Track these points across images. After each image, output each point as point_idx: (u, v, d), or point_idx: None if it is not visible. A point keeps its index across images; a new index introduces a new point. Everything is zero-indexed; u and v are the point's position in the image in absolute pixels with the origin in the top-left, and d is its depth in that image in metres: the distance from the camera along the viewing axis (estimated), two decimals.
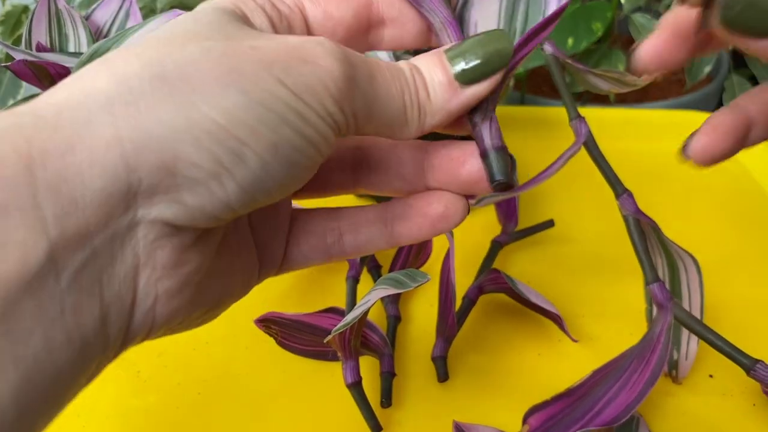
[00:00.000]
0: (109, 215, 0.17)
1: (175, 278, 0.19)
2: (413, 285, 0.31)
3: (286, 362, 0.37)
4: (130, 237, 0.17)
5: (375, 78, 0.20)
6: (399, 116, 0.21)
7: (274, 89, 0.18)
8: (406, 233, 0.24)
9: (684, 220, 0.49)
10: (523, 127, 0.58)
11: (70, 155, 0.16)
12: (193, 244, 0.19)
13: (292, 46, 0.19)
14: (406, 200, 0.24)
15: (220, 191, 0.18)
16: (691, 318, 0.31)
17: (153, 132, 0.17)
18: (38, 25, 0.34)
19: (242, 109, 0.17)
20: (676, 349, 0.36)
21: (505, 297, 0.40)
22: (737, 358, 0.30)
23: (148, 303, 0.18)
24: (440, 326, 0.37)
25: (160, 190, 0.17)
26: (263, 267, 0.24)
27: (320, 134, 0.19)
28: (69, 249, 0.16)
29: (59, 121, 0.16)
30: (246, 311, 0.40)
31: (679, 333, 0.36)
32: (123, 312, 0.18)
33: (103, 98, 0.17)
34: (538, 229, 0.46)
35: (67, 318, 0.16)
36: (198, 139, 0.17)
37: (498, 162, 0.22)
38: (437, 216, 0.24)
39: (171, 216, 0.17)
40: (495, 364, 0.37)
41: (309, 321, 0.35)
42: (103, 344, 0.17)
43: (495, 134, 0.22)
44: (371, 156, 0.24)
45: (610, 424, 0.29)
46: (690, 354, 0.36)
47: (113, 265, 0.17)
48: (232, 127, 0.17)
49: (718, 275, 0.44)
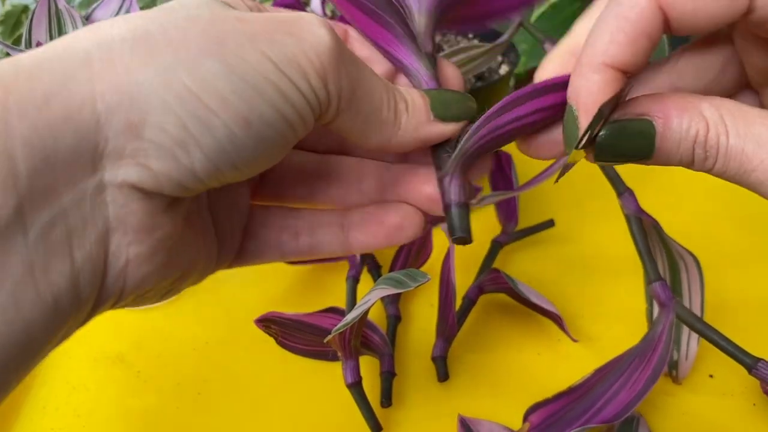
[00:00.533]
0: (76, 176, 0.17)
1: (146, 243, 0.19)
2: (413, 285, 0.31)
3: (286, 362, 0.37)
4: (100, 200, 0.17)
5: (360, 64, 0.21)
6: (377, 111, 0.21)
7: (255, 61, 0.18)
8: (361, 239, 0.24)
9: (684, 219, 0.49)
10: None
11: (46, 109, 0.16)
12: (163, 211, 0.19)
13: (280, 20, 0.19)
14: (365, 208, 0.24)
15: (186, 159, 0.18)
16: (693, 316, 0.31)
17: (126, 92, 0.17)
18: (38, 25, 0.34)
19: (219, 78, 0.17)
20: (676, 349, 0.36)
21: (505, 297, 0.40)
22: (739, 356, 0.30)
23: (119, 266, 0.18)
24: (440, 326, 0.37)
25: (126, 153, 0.17)
26: (221, 253, 0.24)
27: (298, 113, 0.19)
28: (37, 206, 0.16)
29: (38, 72, 0.16)
30: (246, 311, 0.40)
31: (680, 333, 0.36)
32: (95, 274, 0.18)
33: (83, 55, 0.17)
34: (538, 229, 0.46)
35: (37, 276, 0.16)
36: (167, 103, 0.17)
37: (459, 218, 0.23)
38: (393, 226, 0.24)
39: (137, 180, 0.18)
40: (495, 363, 0.37)
41: (309, 321, 0.35)
42: (76, 305, 0.18)
43: (459, 191, 0.23)
44: (335, 168, 0.25)
45: (611, 422, 0.29)
46: (690, 354, 0.35)
47: (84, 228, 0.17)
48: (205, 95, 0.17)
49: (719, 275, 0.44)
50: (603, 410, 0.29)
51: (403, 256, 0.42)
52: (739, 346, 0.31)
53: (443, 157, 0.23)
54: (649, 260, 0.33)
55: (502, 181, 0.49)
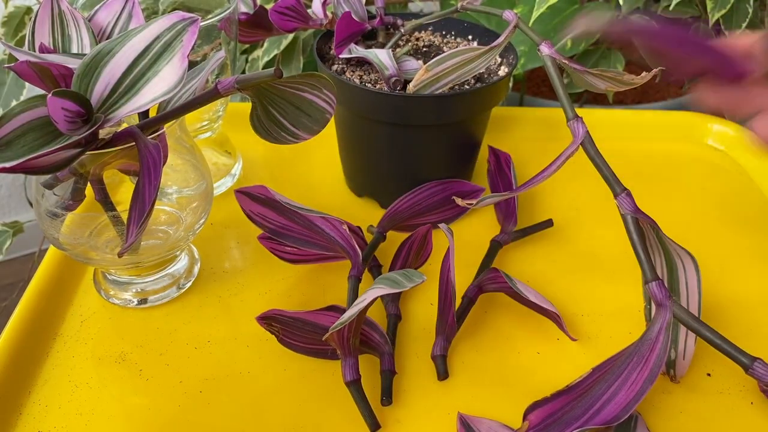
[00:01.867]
0: None
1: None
2: (409, 285, 0.32)
3: (288, 360, 0.37)
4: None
5: None
6: None
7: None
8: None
9: (682, 219, 0.49)
10: (522, 127, 0.58)
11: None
12: None
13: None
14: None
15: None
16: (690, 316, 0.32)
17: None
18: (41, 26, 0.34)
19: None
20: (674, 348, 0.36)
21: (504, 296, 0.41)
22: (736, 356, 0.31)
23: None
24: (440, 325, 0.37)
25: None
26: None
27: None
28: None
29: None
30: (248, 310, 0.40)
31: (677, 332, 0.36)
32: None
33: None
34: (538, 229, 0.46)
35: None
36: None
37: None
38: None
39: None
40: (494, 362, 0.38)
41: (310, 319, 0.35)
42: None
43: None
44: None
45: (610, 423, 0.29)
46: (687, 353, 0.36)
47: None
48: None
49: (716, 275, 0.44)
50: (602, 411, 0.30)
51: (404, 255, 0.43)
52: (736, 346, 0.31)
53: None
54: (646, 260, 0.33)
55: (502, 181, 0.50)
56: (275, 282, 0.43)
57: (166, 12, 0.46)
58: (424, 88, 0.41)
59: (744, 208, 0.51)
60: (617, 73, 0.38)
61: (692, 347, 0.36)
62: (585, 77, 0.38)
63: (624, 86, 0.38)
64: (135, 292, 0.41)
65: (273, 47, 0.76)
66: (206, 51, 0.45)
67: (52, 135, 0.28)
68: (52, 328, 0.39)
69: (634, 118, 0.60)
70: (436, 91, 0.42)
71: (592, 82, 0.38)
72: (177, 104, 0.34)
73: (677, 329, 0.36)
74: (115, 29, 0.36)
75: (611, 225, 0.48)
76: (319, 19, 0.48)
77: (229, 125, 0.53)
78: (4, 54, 0.80)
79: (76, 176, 0.34)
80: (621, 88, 0.39)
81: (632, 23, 0.22)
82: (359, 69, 0.46)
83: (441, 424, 0.34)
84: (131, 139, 0.31)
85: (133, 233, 0.31)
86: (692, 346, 0.36)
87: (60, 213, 0.36)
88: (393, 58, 0.43)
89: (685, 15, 0.79)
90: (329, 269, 0.44)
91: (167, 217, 0.41)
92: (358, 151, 0.48)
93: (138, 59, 0.30)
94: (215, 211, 0.48)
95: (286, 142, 0.36)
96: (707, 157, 0.57)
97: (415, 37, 0.50)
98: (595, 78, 0.38)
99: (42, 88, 0.30)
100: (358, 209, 0.49)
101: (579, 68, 0.37)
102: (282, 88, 0.33)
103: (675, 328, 0.36)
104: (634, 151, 0.57)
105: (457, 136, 0.46)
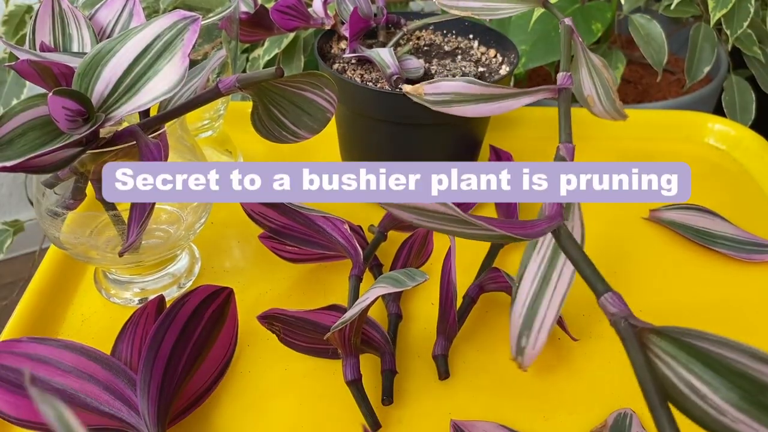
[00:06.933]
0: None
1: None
2: (411, 284, 0.31)
3: (289, 360, 0.37)
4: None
5: None
6: None
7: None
8: None
9: None
10: (522, 127, 0.58)
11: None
12: None
13: None
14: None
15: None
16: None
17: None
18: (42, 25, 0.34)
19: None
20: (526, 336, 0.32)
21: (505, 296, 0.41)
22: (593, 283, 0.28)
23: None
24: (441, 324, 0.37)
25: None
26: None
27: None
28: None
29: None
30: (249, 309, 0.40)
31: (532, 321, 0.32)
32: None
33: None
34: None
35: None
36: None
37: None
38: None
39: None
40: (495, 362, 0.37)
41: (311, 318, 0.35)
42: None
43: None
44: None
45: None
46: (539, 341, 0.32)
47: None
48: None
49: (716, 274, 0.44)
50: None
51: (404, 255, 0.43)
52: (597, 272, 0.28)
53: None
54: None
55: None
56: (276, 281, 0.43)
57: (167, 11, 0.46)
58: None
59: (745, 208, 0.51)
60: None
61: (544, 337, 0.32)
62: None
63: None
64: (136, 291, 0.41)
65: (274, 46, 0.76)
66: (207, 50, 0.45)
67: (52, 134, 0.28)
68: (52, 327, 0.39)
69: (634, 117, 0.60)
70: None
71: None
72: (178, 103, 0.34)
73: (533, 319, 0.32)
74: (115, 28, 0.36)
75: (611, 225, 0.48)
76: (319, 18, 0.48)
77: (230, 124, 0.53)
78: (5, 53, 0.80)
79: (76, 175, 0.34)
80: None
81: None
82: (360, 68, 0.46)
83: (441, 423, 0.34)
84: (132, 138, 0.31)
85: (133, 232, 0.31)
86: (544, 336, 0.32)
87: (61, 212, 0.36)
88: (395, 57, 0.43)
89: (686, 15, 0.79)
90: (330, 268, 0.44)
91: (168, 216, 0.41)
92: (359, 150, 0.48)
93: (139, 58, 0.30)
94: (216, 210, 0.48)
95: (287, 141, 0.36)
96: (708, 156, 0.57)
97: (416, 36, 0.50)
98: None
99: (43, 87, 0.30)
100: (359, 209, 0.49)
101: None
102: (283, 87, 0.33)
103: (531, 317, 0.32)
104: (635, 151, 0.57)
105: (458, 135, 0.46)
